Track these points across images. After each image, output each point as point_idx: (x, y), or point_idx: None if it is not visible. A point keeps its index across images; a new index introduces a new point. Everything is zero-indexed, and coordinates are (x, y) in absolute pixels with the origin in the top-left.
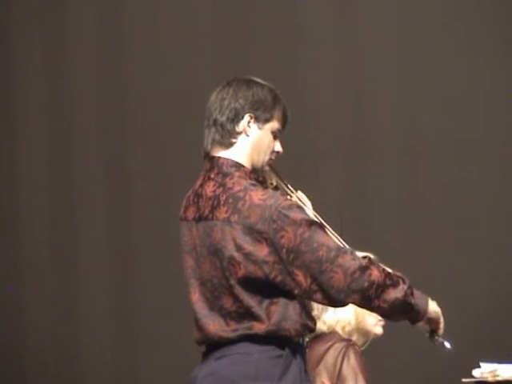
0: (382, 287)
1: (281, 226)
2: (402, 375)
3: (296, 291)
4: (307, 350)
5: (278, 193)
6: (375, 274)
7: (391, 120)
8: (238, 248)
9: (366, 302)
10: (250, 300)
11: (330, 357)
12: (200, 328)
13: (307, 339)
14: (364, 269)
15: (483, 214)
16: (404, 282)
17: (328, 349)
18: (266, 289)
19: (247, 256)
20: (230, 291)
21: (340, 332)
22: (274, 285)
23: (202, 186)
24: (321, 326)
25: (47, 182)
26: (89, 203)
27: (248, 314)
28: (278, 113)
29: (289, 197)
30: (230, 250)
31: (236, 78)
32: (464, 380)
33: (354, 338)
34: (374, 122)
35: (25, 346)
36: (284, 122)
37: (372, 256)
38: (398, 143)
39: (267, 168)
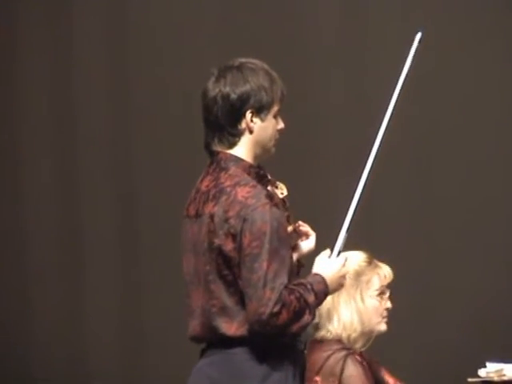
0: (284, 327)
1: (245, 229)
2: (407, 375)
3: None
4: (306, 352)
5: (264, 194)
6: (282, 318)
7: (398, 122)
8: (213, 241)
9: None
10: (227, 300)
11: (329, 367)
12: (195, 324)
13: (303, 345)
14: (272, 315)
15: (491, 214)
16: (310, 313)
17: (327, 358)
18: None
19: (218, 249)
20: (208, 287)
21: (345, 341)
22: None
23: (201, 181)
24: (326, 335)
25: (53, 185)
26: (95, 206)
27: (226, 314)
28: (276, 95)
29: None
30: (210, 243)
31: (226, 66)
32: (470, 380)
33: (359, 343)
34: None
35: (32, 345)
36: (282, 98)
37: None
38: (404, 145)
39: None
